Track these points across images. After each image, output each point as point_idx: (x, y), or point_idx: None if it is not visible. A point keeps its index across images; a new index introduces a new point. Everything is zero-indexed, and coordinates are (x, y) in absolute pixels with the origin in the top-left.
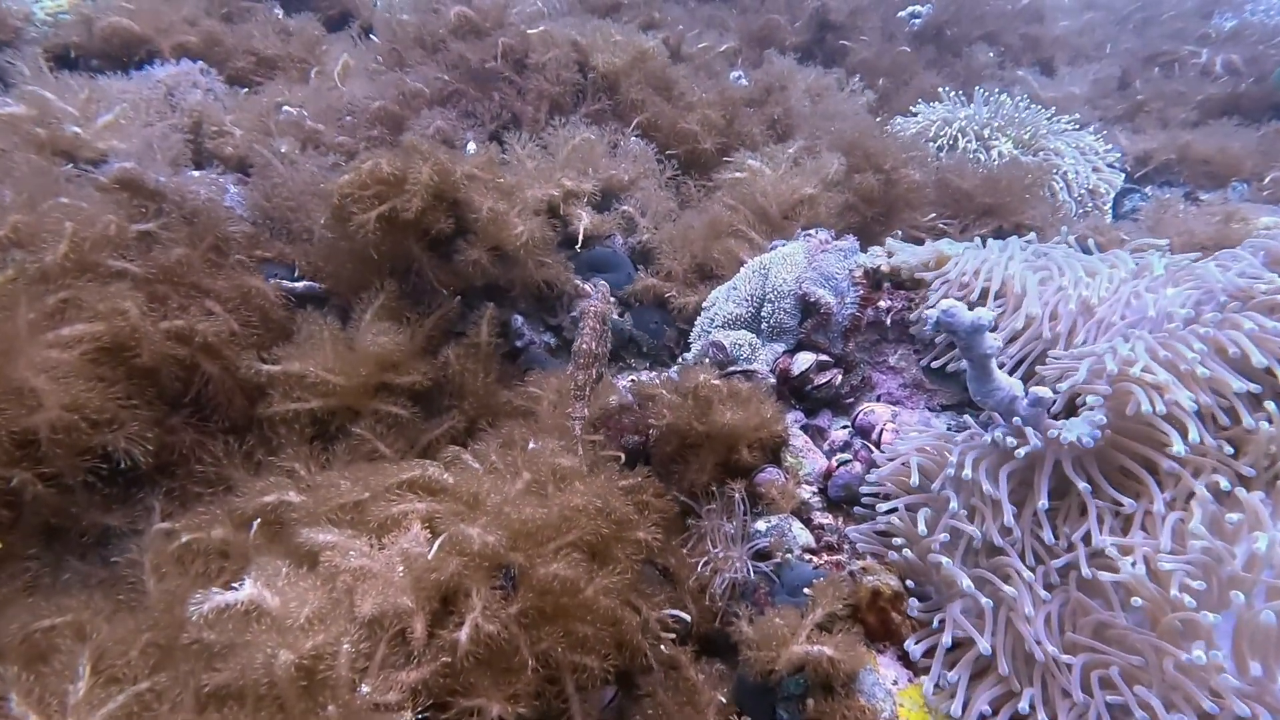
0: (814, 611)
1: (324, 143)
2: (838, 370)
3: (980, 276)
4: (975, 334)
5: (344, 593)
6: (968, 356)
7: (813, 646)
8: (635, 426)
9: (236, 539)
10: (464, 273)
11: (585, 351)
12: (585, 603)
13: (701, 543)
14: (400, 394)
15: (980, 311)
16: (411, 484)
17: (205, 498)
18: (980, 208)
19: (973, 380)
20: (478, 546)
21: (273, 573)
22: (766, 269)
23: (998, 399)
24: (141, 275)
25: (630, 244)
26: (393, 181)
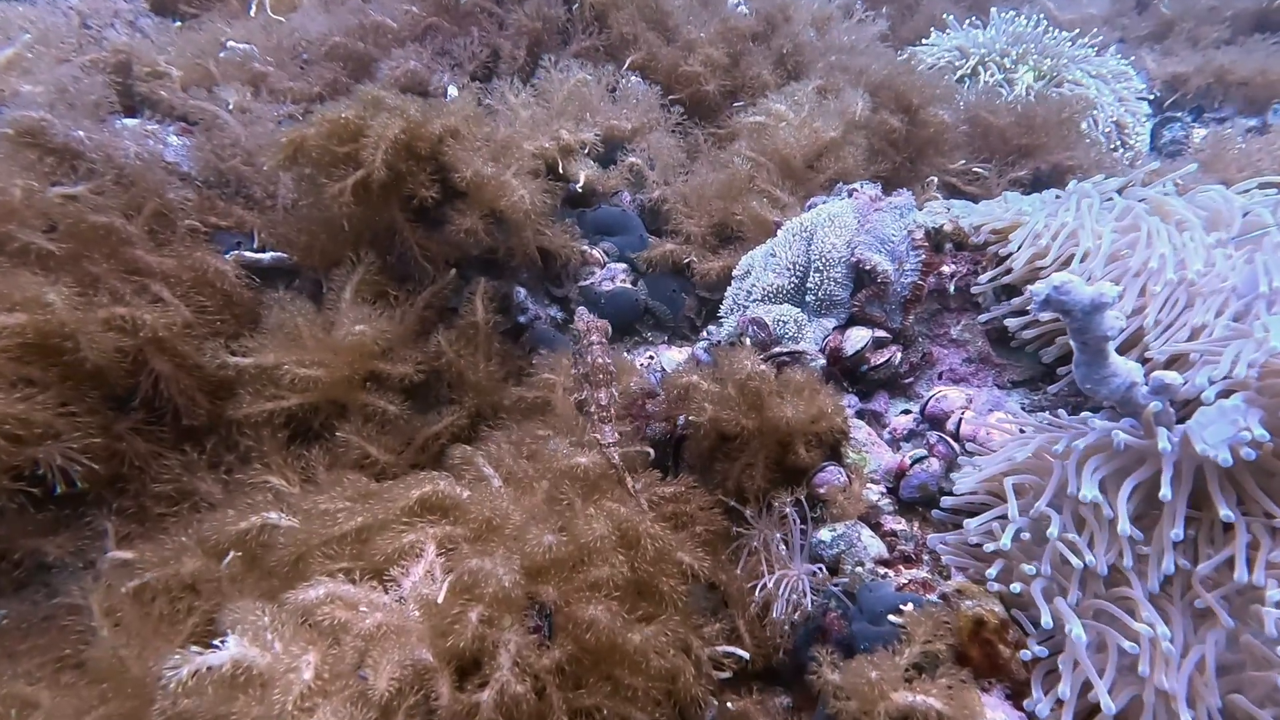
0: (909, 648)
1: (277, 88)
2: (897, 347)
3: (1058, 240)
4: (1094, 313)
5: (350, 647)
6: (1080, 339)
7: (916, 696)
8: (662, 414)
9: (209, 570)
10: (456, 242)
11: (601, 366)
12: (632, 651)
13: (755, 556)
14: (390, 386)
15: (1102, 286)
16: (422, 502)
17: (167, 518)
18: (1015, 148)
19: (1082, 365)
20: (507, 584)
21: (260, 624)
22: (810, 232)
23: (1113, 387)
24: (67, 253)
25: (639, 200)
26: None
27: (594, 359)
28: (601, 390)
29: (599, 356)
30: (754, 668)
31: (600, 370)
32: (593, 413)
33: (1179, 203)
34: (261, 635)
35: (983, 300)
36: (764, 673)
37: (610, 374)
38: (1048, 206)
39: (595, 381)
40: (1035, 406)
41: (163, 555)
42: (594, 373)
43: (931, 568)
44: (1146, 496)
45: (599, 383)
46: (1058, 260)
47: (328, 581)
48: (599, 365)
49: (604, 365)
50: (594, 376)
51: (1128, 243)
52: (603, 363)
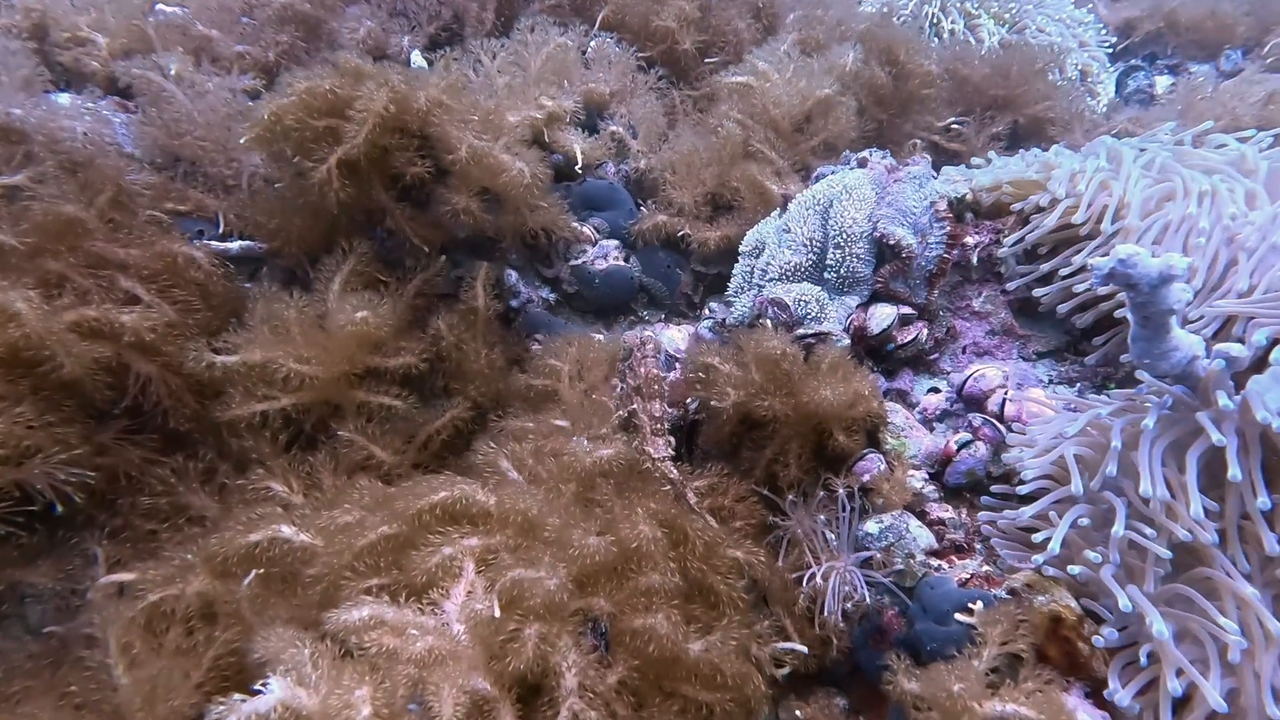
0: (985, 649)
1: (223, 55)
2: (922, 324)
3: (1086, 196)
4: (1162, 287)
5: (403, 676)
6: (1142, 314)
7: (1005, 706)
8: (672, 399)
9: (220, 592)
10: (446, 224)
11: (654, 378)
12: (695, 662)
13: (796, 549)
14: (388, 380)
15: (1170, 258)
16: (444, 508)
17: (161, 535)
18: (991, 101)
19: (1141, 340)
20: (556, 593)
21: (300, 658)
22: (824, 205)
23: (1173, 362)
24: (27, 248)
25: (624, 171)
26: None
27: (648, 370)
28: (655, 402)
29: (653, 368)
30: (806, 668)
31: (654, 381)
32: (645, 425)
33: (1202, 153)
34: (304, 671)
35: (1004, 270)
36: (817, 673)
37: (664, 386)
38: (1074, 159)
39: (648, 393)
40: (1063, 378)
41: (166, 574)
42: (647, 384)
43: (985, 557)
44: (1209, 467)
45: (652, 394)
46: (1090, 216)
47: (370, 602)
48: (653, 376)
49: (657, 376)
50: (647, 389)
51: (1162, 193)
52: (656, 374)
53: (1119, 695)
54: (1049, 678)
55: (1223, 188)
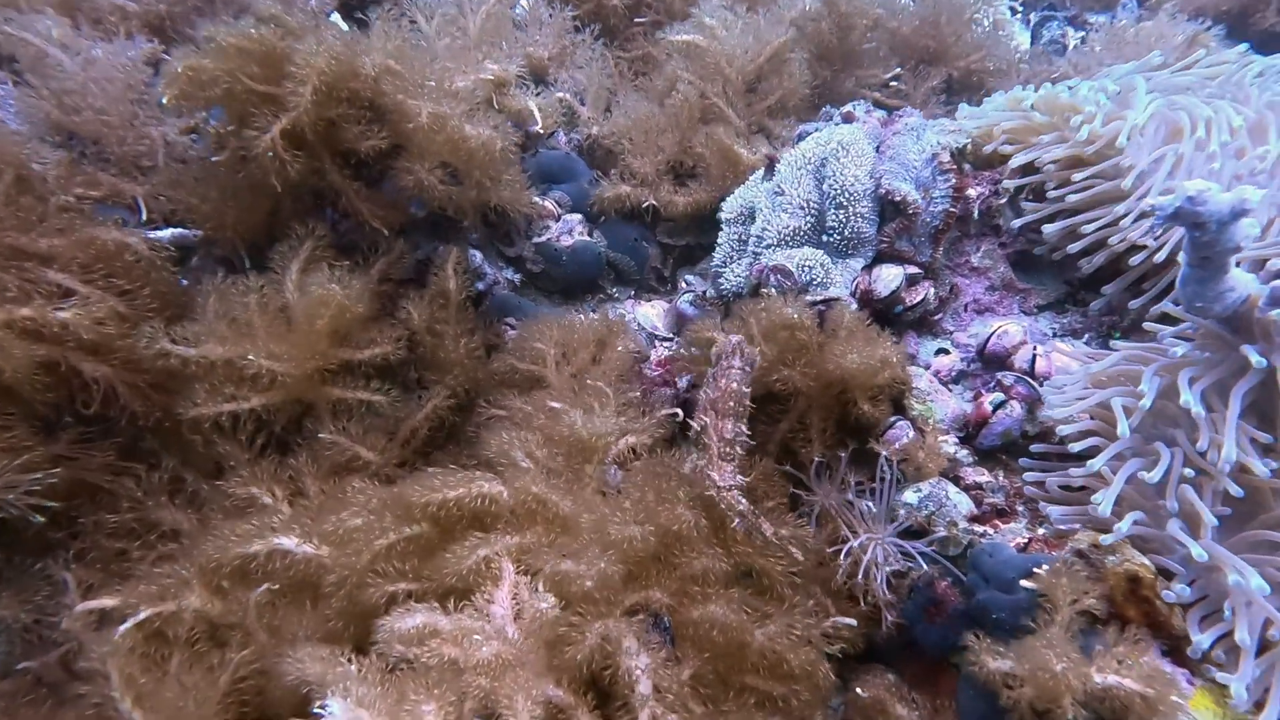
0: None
1: (101, 11)
2: (929, 283)
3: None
4: (1233, 223)
5: (474, 687)
6: (1202, 253)
7: (1109, 677)
8: (663, 377)
9: (221, 610)
10: (402, 204)
11: (735, 393)
12: (761, 650)
13: (829, 523)
14: (361, 374)
15: (1243, 191)
16: (462, 506)
17: (133, 554)
18: (923, 53)
19: (1194, 282)
20: (610, 584)
21: (347, 676)
22: (817, 165)
23: (1229, 302)
24: None
25: (576, 141)
26: (268, 63)
27: (729, 383)
28: (728, 421)
29: (736, 382)
30: (854, 647)
31: (732, 397)
32: (712, 447)
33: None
34: (360, 690)
35: (1002, 221)
36: (866, 651)
37: (744, 405)
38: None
39: (723, 410)
40: (1066, 330)
41: (155, 593)
42: (724, 398)
43: (1030, 519)
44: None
45: (727, 412)
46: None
47: (422, 609)
48: (732, 391)
49: (738, 393)
50: (722, 404)
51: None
52: (737, 389)
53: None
54: (1139, 640)
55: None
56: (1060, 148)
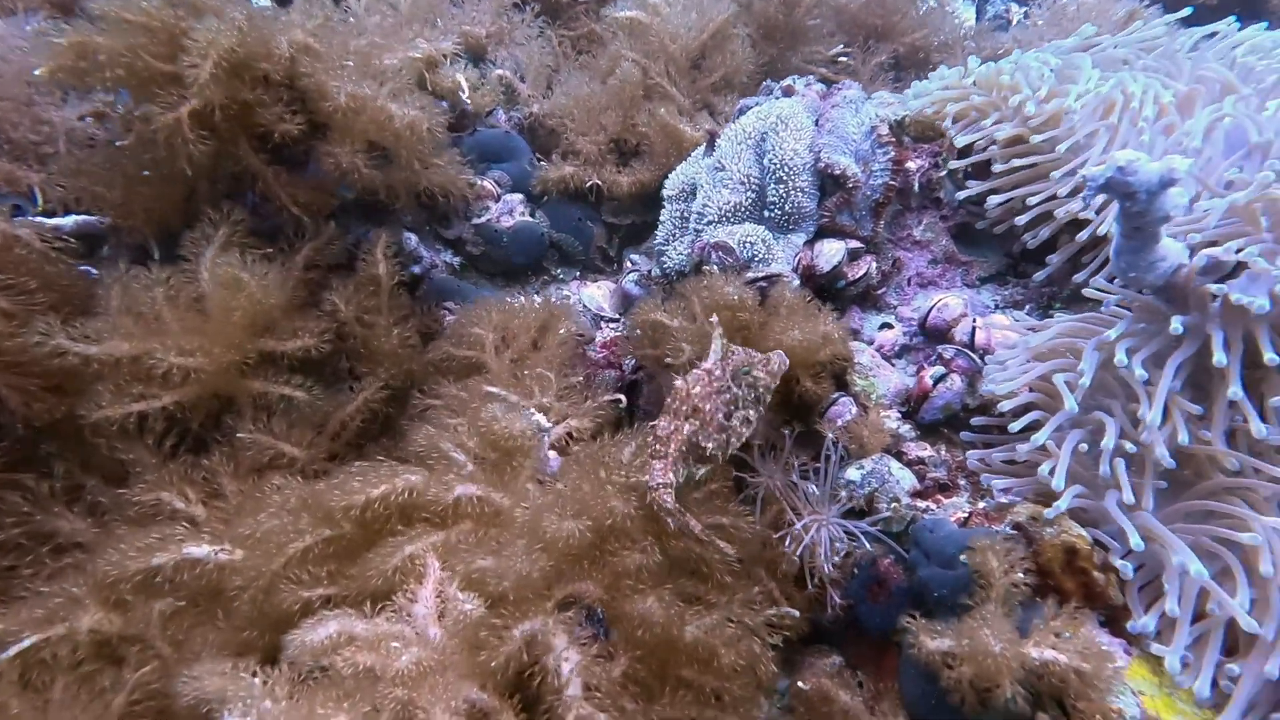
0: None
1: None
2: (871, 257)
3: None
4: (1161, 192)
5: (390, 698)
6: (1134, 223)
7: (1044, 652)
8: (608, 359)
9: (120, 627)
10: (329, 187)
11: (705, 395)
12: (695, 645)
13: (773, 505)
14: (285, 367)
15: (1171, 161)
16: (388, 502)
17: (22, 570)
18: (870, 30)
19: (1127, 253)
20: (533, 579)
21: (251, 692)
22: (757, 139)
23: (1160, 271)
24: None
25: (516, 119)
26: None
27: (690, 388)
28: (686, 423)
29: (699, 386)
30: (797, 632)
31: (707, 400)
32: (652, 443)
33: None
34: (262, 706)
35: (943, 194)
36: (808, 635)
37: (699, 414)
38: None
39: (687, 412)
40: (1007, 301)
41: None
42: (681, 402)
43: (971, 493)
44: (1193, 378)
45: (676, 412)
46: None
47: (336, 617)
48: (693, 394)
49: (709, 396)
50: (689, 405)
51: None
52: (708, 393)
53: (1145, 625)
54: (1077, 612)
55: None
56: (1004, 127)
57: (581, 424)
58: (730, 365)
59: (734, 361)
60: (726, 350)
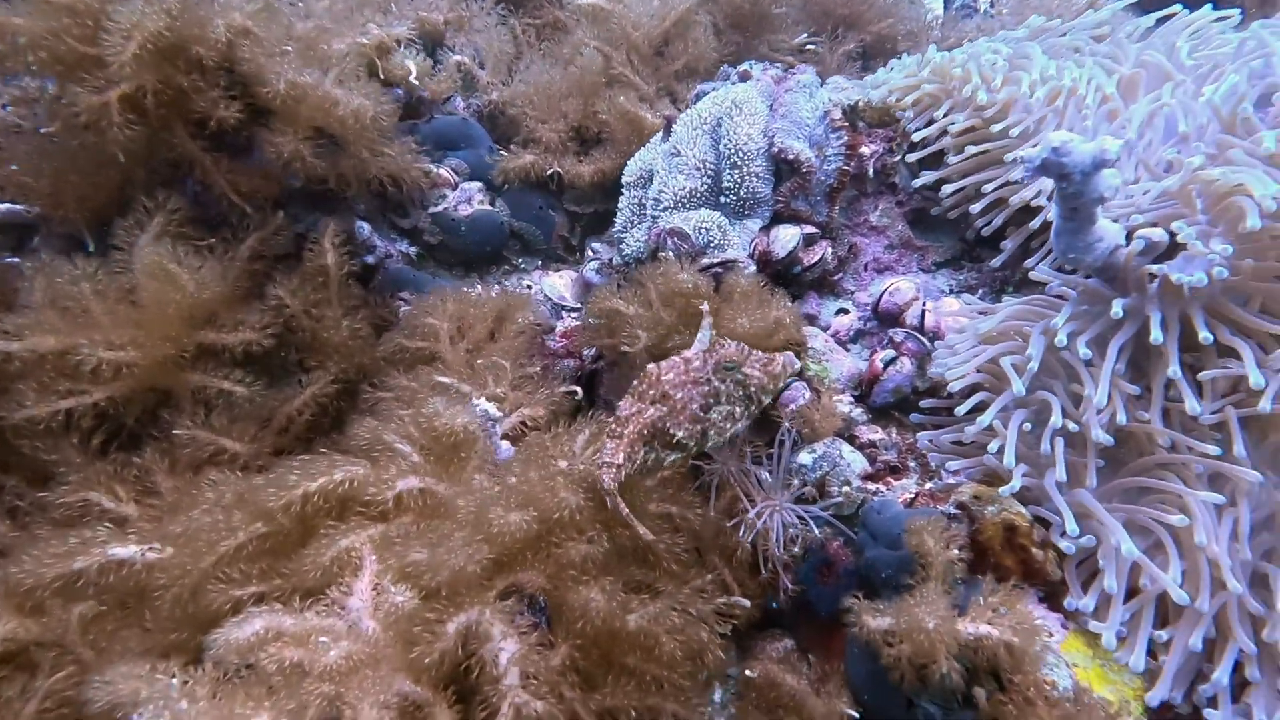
0: (934, 565)
1: None
2: (827, 243)
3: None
4: (1095, 173)
5: (316, 694)
6: (1070, 204)
7: (980, 627)
8: (567, 349)
9: (36, 633)
10: (276, 174)
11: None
12: (638, 634)
13: (726, 492)
14: (227, 360)
15: (1104, 142)
16: (328, 495)
17: None
18: (839, 19)
19: (1066, 234)
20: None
21: (167, 693)
22: (713, 124)
23: (1099, 253)
24: None
25: (475, 106)
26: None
27: (661, 374)
28: (635, 403)
29: (672, 373)
30: (749, 619)
31: (655, 386)
32: (611, 424)
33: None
34: (174, 708)
35: (899, 179)
36: (760, 620)
37: (667, 400)
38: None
39: (640, 393)
40: (962, 286)
41: None
42: (649, 387)
43: (920, 474)
44: (1134, 361)
45: (642, 395)
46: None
47: (263, 613)
48: (666, 381)
49: (663, 382)
50: (659, 392)
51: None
52: (672, 380)
53: (1083, 602)
54: (1013, 589)
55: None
56: (956, 117)
57: (535, 413)
58: (715, 358)
59: (720, 354)
60: (714, 342)
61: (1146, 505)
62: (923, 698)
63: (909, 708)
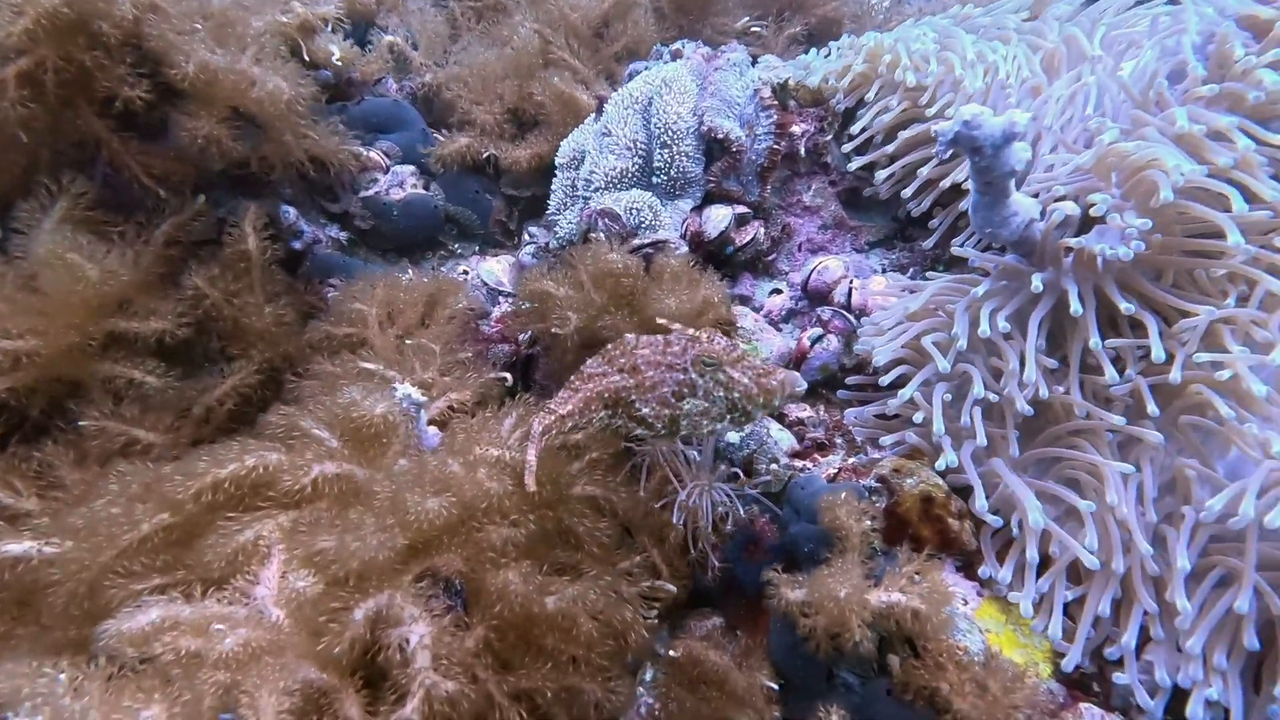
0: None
1: None
2: (759, 222)
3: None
4: (1005, 146)
5: (211, 683)
6: (984, 178)
7: (891, 595)
8: (502, 334)
9: None
10: (193, 156)
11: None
12: (557, 616)
13: (657, 472)
14: (140, 349)
15: (1012, 115)
16: (239, 482)
17: None
18: (785, 2)
19: (983, 208)
20: (380, 559)
21: (51, 690)
22: (644, 103)
23: (1014, 227)
24: None
25: (408, 88)
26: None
27: (634, 345)
28: (602, 365)
29: (645, 347)
30: (677, 600)
31: (628, 355)
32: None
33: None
34: (59, 704)
35: (831, 159)
36: (690, 599)
37: (637, 374)
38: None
39: (610, 356)
40: (895, 265)
41: None
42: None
43: (847, 450)
44: (1051, 335)
45: (612, 360)
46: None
47: (159, 603)
48: (632, 352)
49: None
50: (615, 354)
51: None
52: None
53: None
54: (929, 559)
55: (1028, 65)
56: (891, 100)
57: (462, 396)
58: (697, 349)
59: (703, 348)
60: (705, 333)
61: (1062, 472)
62: (840, 667)
63: (829, 678)
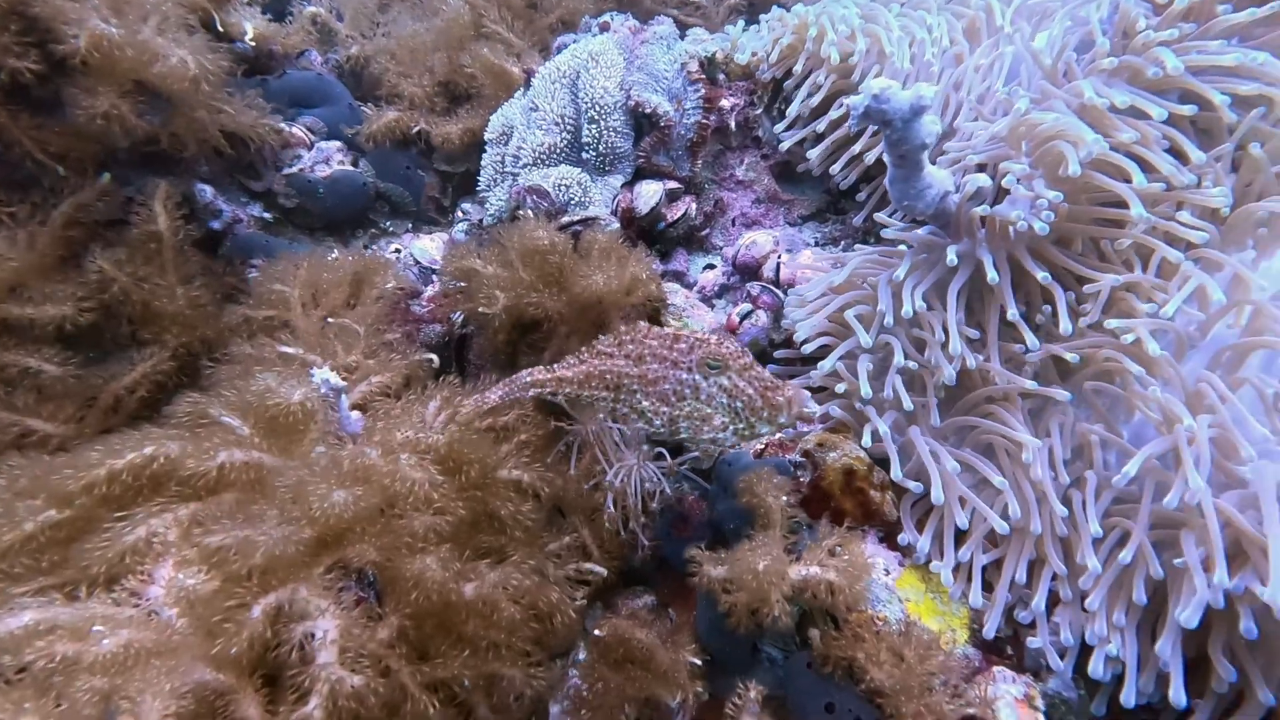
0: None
1: None
2: (690, 198)
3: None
4: (914, 119)
5: (87, 689)
6: (897, 151)
7: (809, 569)
8: (434, 314)
9: None
10: (95, 133)
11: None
12: (476, 602)
13: (588, 452)
14: (38, 337)
15: (919, 88)
16: (137, 473)
17: None
18: None
19: (899, 181)
20: (282, 552)
21: None
22: (572, 77)
23: (929, 199)
24: None
25: (333, 61)
26: None
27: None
28: (614, 345)
29: (654, 339)
30: (607, 581)
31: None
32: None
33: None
34: None
35: (762, 134)
36: (621, 578)
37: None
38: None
39: (623, 339)
40: (827, 238)
41: None
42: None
43: None
44: (970, 307)
45: (623, 343)
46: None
47: (34, 605)
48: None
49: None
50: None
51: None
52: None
53: (920, 542)
54: (850, 531)
55: (947, 34)
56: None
57: (384, 379)
58: (703, 350)
59: (709, 349)
60: (714, 337)
61: (979, 438)
62: (764, 642)
63: (754, 653)
